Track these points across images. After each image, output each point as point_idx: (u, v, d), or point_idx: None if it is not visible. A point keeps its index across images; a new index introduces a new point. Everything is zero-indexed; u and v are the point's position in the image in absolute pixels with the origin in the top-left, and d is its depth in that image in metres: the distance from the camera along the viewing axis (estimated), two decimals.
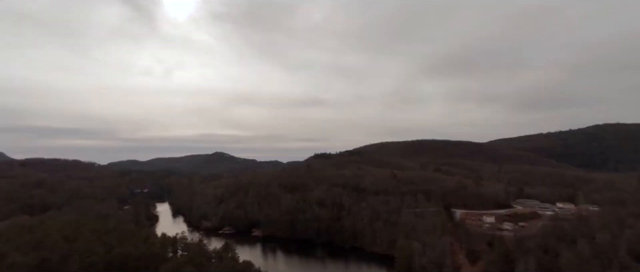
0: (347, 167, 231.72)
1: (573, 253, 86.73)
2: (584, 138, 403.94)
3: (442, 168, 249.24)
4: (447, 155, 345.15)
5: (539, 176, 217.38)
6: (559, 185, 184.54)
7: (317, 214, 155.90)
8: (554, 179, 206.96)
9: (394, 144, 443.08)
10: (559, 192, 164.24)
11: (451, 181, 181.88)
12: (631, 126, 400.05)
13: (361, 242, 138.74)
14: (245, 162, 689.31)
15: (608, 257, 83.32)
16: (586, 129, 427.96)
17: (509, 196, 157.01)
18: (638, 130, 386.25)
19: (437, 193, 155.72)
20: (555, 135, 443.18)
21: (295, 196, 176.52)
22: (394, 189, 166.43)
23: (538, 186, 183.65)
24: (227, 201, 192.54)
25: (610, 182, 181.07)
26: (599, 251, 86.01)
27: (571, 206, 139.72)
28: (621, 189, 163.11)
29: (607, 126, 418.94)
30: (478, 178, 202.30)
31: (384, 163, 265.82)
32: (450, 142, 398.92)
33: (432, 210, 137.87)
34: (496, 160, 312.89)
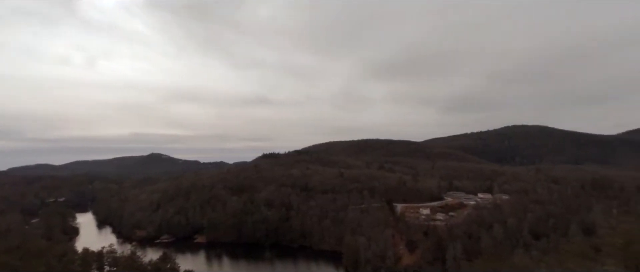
0: (296, 167, 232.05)
1: (490, 236, 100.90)
2: (497, 137, 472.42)
3: (385, 166, 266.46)
4: (389, 153, 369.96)
5: (464, 171, 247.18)
6: (479, 178, 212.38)
7: (265, 216, 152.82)
8: (476, 173, 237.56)
9: (341, 144, 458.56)
10: (479, 185, 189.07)
11: (393, 178, 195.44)
12: (532, 127, 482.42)
13: (310, 240, 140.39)
14: (186, 164, 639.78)
15: (515, 237, 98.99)
16: (500, 130, 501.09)
17: (441, 190, 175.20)
18: (537, 130, 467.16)
19: (381, 189, 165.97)
20: (476, 135, 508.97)
21: (242, 197, 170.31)
22: (341, 187, 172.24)
23: (464, 179, 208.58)
24: (165, 207, 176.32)
25: (516, 175, 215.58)
26: (509, 233, 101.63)
27: (489, 196, 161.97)
28: (524, 180, 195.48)
29: (515, 127, 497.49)
30: (416, 174, 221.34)
31: (331, 162, 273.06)
32: (392, 141, 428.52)
33: (376, 205, 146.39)
34: (431, 157, 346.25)
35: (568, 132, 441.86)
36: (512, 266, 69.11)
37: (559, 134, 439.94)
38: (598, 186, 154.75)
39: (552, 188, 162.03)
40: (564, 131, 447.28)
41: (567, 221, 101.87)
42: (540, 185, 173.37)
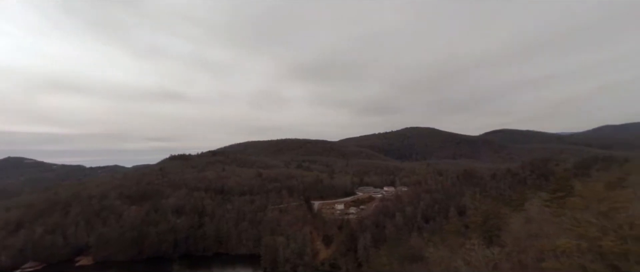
0: (210, 169, 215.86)
1: (393, 224, 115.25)
2: (399, 137, 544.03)
3: (303, 165, 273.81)
4: (307, 152, 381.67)
5: (373, 168, 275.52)
6: (385, 173, 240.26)
7: (173, 225, 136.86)
8: (382, 169, 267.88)
9: (260, 143, 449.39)
10: (385, 179, 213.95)
11: (310, 176, 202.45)
12: (424, 129, 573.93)
13: (227, 246, 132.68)
14: (65, 170, 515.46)
15: (412, 222, 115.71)
16: (400, 131, 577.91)
17: (354, 185, 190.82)
18: (428, 132, 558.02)
19: (299, 188, 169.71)
20: (383, 135, 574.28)
21: (143, 206, 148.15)
22: (260, 188, 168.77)
23: (373, 175, 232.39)
24: (31, 226, 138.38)
25: (413, 170, 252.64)
26: (407, 220, 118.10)
27: (392, 189, 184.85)
28: (419, 173, 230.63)
29: (412, 129, 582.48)
30: (331, 172, 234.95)
31: (249, 162, 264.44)
32: (310, 141, 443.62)
33: (294, 204, 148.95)
34: (345, 156, 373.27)
35: (449, 133, 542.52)
36: (409, 247, 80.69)
37: (443, 134, 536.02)
38: (467, 176, 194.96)
39: (438, 179, 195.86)
40: (446, 132, 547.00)
41: (447, 205, 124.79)
42: (430, 177, 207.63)
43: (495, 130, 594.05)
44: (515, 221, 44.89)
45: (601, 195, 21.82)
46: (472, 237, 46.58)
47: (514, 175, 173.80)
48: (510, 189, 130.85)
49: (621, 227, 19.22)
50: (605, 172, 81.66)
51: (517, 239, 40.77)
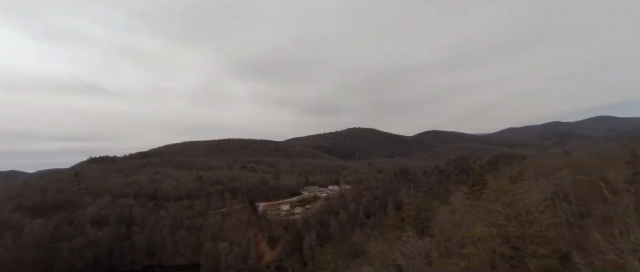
0: (141, 172, 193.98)
1: (337, 221, 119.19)
2: (343, 137, 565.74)
3: (247, 165, 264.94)
4: (251, 153, 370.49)
5: (318, 167, 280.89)
6: (329, 173, 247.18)
7: (92, 238, 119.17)
8: (327, 168, 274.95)
9: (200, 144, 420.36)
10: (329, 178, 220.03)
11: (255, 177, 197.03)
12: (366, 130, 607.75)
13: (160, 257, 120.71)
14: None
15: (355, 219, 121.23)
16: (344, 131, 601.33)
17: (299, 185, 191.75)
18: (369, 132, 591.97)
19: (243, 190, 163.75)
20: (327, 135, 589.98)
21: (52, 219, 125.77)
22: (200, 192, 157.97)
23: (318, 174, 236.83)
24: None
25: (356, 168, 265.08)
26: (350, 216, 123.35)
27: (337, 187, 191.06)
28: (361, 172, 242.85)
29: (355, 129, 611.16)
30: (277, 172, 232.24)
31: (188, 164, 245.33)
32: (255, 141, 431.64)
33: (238, 207, 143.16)
34: (290, 156, 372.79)
35: (388, 134, 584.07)
36: (352, 243, 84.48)
37: (383, 135, 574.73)
38: (403, 173, 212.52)
39: (378, 177, 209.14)
40: (385, 133, 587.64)
41: (386, 201, 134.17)
42: (371, 175, 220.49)
43: (427, 131, 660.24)
44: (442, 213, 50.52)
45: (506, 188, 25.97)
46: (407, 229, 50.94)
47: (441, 171, 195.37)
48: (438, 184, 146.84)
49: (520, 215, 23.20)
50: (509, 168, 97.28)
51: (444, 228, 45.99)
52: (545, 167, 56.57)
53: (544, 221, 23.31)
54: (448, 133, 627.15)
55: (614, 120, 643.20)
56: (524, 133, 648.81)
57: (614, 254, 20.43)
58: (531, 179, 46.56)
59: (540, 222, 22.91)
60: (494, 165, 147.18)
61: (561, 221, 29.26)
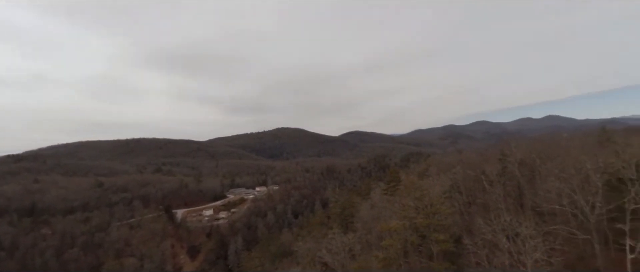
0: (11, 181, 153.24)
1: (265, 223, 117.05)
2: (271, 137, 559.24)
3: (163, 168, 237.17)
4: (168, 154, 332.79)
5: (245, 168, 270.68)
6: (257, 173, 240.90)
7: None
8: (254, 169, 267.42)
9: (101, 144, 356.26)
10: (257, 179, 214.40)
11: (172, 181, 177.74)
12: (294, 130, 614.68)
13: None
14: None
15: (283, 219, 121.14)
16: (272, 131, 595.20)
17: (224, 188, 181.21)
18: (297, 132, 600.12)
19: (157, 197, 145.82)
20: (255, 134, 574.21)
21: None
22: (100, 201, 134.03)
23: (245, 175, 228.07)
24: None
25: (284, 168, 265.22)
26: (278, 217, 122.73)
27: (264, 188, 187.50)
28: (289, 172, 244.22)
29: (283, 129, 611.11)
30: (199, 175, 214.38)
31: (83, 169, 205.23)
32: (172, 141, 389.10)
33: (151, 216, 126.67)
34: (215, 157, 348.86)
35: (315, 134, 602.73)
36: (280, 244, 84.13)
37: (310, 135, 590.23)
38: (330, 172, 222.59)
39: (306, 176, 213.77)
40: (312, 133, 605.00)
41: (314, 199, 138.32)
42: (299, 175, 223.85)
43: (351, 132, 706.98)
44: (364, 208, 54.78)
45: (416, 185, 29.82)
46: (333, 226, 53.53)
47: (363, 169, 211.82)
48: (361, 181, 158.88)
49: (426, 207, 26.96)
50: (417, 165, 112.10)
51: (365, 223, 49.99)
52: (444, 164, 67.05)
53: (444, 211, 27.60)
54: (369, 133, 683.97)
55: (489, 124, 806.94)
56: (428, 134, 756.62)
57: (490, 234, 25.63)
58: (434, 175, 54.53)
59: (441, 212, 27.03)
60: (406, 162, 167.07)
61: (456, 210, 35.14)
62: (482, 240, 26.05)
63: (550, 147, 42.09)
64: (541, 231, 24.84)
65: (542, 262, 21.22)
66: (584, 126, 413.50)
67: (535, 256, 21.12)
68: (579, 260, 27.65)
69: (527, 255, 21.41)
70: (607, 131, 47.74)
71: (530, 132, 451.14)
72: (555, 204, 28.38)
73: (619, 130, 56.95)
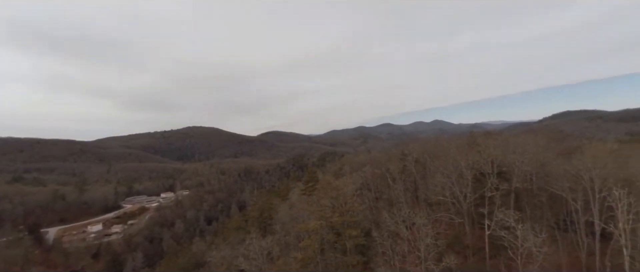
0: None
1: (172, 234, 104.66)
2: (180, 137, 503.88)
3: (26, 176, 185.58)
4: (36, 158, 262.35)
5: (146, 172, 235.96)
6: (162, 178, 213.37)
7: None
8: (159, 173, 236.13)
9: None
10: (162, 184, 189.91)
11: (41, 193, 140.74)
12: (208, 129, 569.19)
13: None
14: None
15: (194, 227, 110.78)
16: (182, 130, 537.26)
17: (119, 197, 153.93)
18: (211, 131, 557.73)
19: (17, 213, 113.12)
20: (160, 134, 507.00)
21: None
22: None
23: (146, 181, 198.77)
24: None
25: (196, 171, 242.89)
26: (188, 225, 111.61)
27: (172, 194, 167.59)
28: (202, 175, 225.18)
29: (195, 128, 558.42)
30: (82, 183, 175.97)
31: None
32: (42, 141, 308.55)
33: (5, 240, 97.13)
34: (105, 160, 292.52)
35: (231, 133, 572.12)
36: (191, 255, 76.43)
37: (226, 134, 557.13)
38: (247, 173, 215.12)
39: (221, 178, 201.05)
40: (229, 133, 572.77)
41: (230, 203, 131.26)
42: (213, 177, 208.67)
43: (269, 132, 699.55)
44: (283, 209, 54.91)
45: (332, 184, 31.54)
46: (251, 230, 51.87)
47: (282, 169, 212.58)
48: (279, 182, 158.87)
49: (341, 206, 28.83)
50: (333, 164, 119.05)
51: (284, 224, 50.16)
52: (356, 163, 73.24)
53: (356, 209, 30.03)
54: (287, 133, 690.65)
55: (392, 126, 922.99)
56: (342, 135, 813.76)
57: (394, 225, 29.26)
58: (347, 173, 58.89)
59: (354, 210, 29.34)
60: (323, 162, 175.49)
61: (366, 206, 38.74)
62: (387, 231, 29.48)
63: (437, 148, 50.83)
64: (431, 219, 29.79)
65: (431, 246, 25.37)
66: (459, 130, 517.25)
67: (427, 241, 25.10)
68: (456, 239, 34.22)
69: (420, 241, 25.24)
70: (474, 135, 60.72)
71: (421, 134, 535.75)
72: (441, 195, 34.44)
73: (481, 133, 73.28)
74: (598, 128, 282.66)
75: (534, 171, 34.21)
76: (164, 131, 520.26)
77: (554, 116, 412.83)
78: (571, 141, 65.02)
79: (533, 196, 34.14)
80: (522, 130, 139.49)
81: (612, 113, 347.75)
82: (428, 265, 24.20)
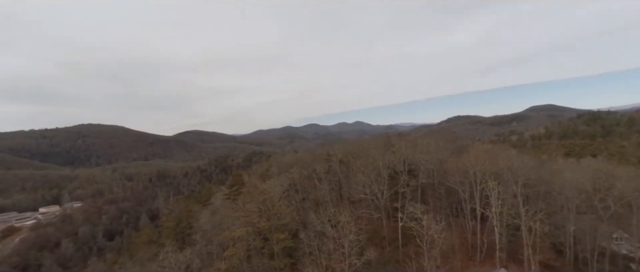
0: None
1: (55, 257, 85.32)
2: (69, 136, 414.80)
3: None
4: None
5: (17, 181, 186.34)
6: (43, 188, 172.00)
7: None
8: (37, 182, 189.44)
9: None
10: (43, 196, 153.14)
11: None
12: (108, 127, 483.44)
13: None
14: None
15: (89, 245, 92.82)
16: (72, 128, 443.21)
17: None
18: (113, 130, 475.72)
19: None
20: (39, 133, 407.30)
21: None
22: None
23: (17, 193, 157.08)
24: None
25: (92, 177, 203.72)
26: (81, 244, 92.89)
27: (56, 208, 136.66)
28: (101, 181, 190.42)
29: (90, 126, 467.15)
30: None
31: None
32: None
33: None
34: None
35: (141, 133, 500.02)
36: None
37: (133, 134, 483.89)
38: (161, 177, 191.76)
39: (127, 185, 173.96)
40: (137, 132, 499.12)
41: (139, 213, 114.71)
42: (116, 184, 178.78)
43: (189, 131, 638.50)
44: (204, 216, 50.76)
45: (259, 188, 30.68)
46: (166, 243, 46.30)
47: (203, 171, 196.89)
48: (200, 185, 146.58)
49: (269, 210, 28.31)
50: (259, 165, 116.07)
51: (206, 232, 46.41)
52: (283, 164, 73.03)
53: (284, 211, 29.94)
54: (209, 133, 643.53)
55: (318, 127, 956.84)
56: (269, 134, 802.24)
57: (320, 225, 30.28)
58: (275, 175, 58.25)
59: (281, 213, 29.18)
60: (249, 163, 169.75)
61: (293, 208, 38.99)
62: (314, 231, 30.32)
63: (359, 148, 54.84)
64: (354, 216, 31.95)
65: (354, 242, 27.20)
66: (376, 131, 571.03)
67: (350, 238, 26.80)
68: (374, 233, 37.55)
69: (345, 238, 26.79)
70: (389, 136, 67.81)
71: (345, 134, 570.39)
72: (362, 193, 37.24)
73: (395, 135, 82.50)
74: (477, 130, 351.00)
75: (435, 168, 40.11)
76: (46, 130, 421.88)
77: (448, 120, 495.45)
78: (460, 141, 79.02)
79: (434, 189, 40.02)
80: (426, 131, 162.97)
81: (487, 118, 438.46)
82: (351, 260, 25.87)
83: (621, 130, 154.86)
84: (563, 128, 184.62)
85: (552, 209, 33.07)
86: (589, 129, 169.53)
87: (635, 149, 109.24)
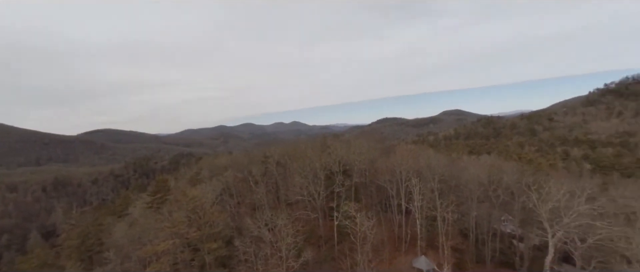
0: None
1: None
2: None
3: None
4: None
5: None
6: None
7: None
8: None
9: None
10: None
11: None
12: None
13: None
14: None
15: None
16: None
17: None
18: None
19: None
20: None
21: None
22: None
23: None
24: None
25: None
26: None
27: None
28: None
29: None
30: None
31: None
32: None
33: None
34: None
35: (32, 132, 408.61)
36: None
37: (20, 133, 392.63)
38: (60, 185, 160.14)
39: (9, 198, 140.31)
40: (26, 130, 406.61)
41: (27, 231, 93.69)
42: None
43: (98, 130, 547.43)
44: (119, 229, 44.10)
45: (188, 195, 28.09)
46: (67, 265, 38.82)
47: (118, 177, 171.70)
48: (114, 193, 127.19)
49: (200, 219, 26.14)
50: (188, 168, 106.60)
51: (121, 247, 40.36)
52: (216, 166, 68.59)
53: (216, 218, 28.07)
54: (126, 132, 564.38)
55: (254, 126, 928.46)
56: (200, 134, 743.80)
57: (257, 230, 29.32)
58: (207, 179, 54.27)
59: (214, 220, 27.30)
60: (176, 165, 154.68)
61: (227, 214, 36.90)
62: (250, 237, 29.20)
63: (296, 150, 55.08)
64: (291, 218, 31.87)
65: (291, 244, 27.12)
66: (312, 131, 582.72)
67: (288, 240, 26.64)
68: (311, 233, 38.21)
69: (282, 241, 26.51)
70: (325, 137, 69.98)
71: (282, 134, 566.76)
72: (299, 195, 37.47)
73: (330, 136, 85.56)
74: (402, 131, 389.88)
75: (367, 168, 42.91)
76: None
77: (378, 121, 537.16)
78: (388, 141, 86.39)
79: (366, 187, 42.78)
80: (359, 132, 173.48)
81: (410, 120, 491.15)
82: (289, 263, 25.74)
83: (506, 132, 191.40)
84: (467, 130, 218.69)
85: (460, 200, 38.66)
86: (485, 131, 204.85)
87: (516, 147, 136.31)
